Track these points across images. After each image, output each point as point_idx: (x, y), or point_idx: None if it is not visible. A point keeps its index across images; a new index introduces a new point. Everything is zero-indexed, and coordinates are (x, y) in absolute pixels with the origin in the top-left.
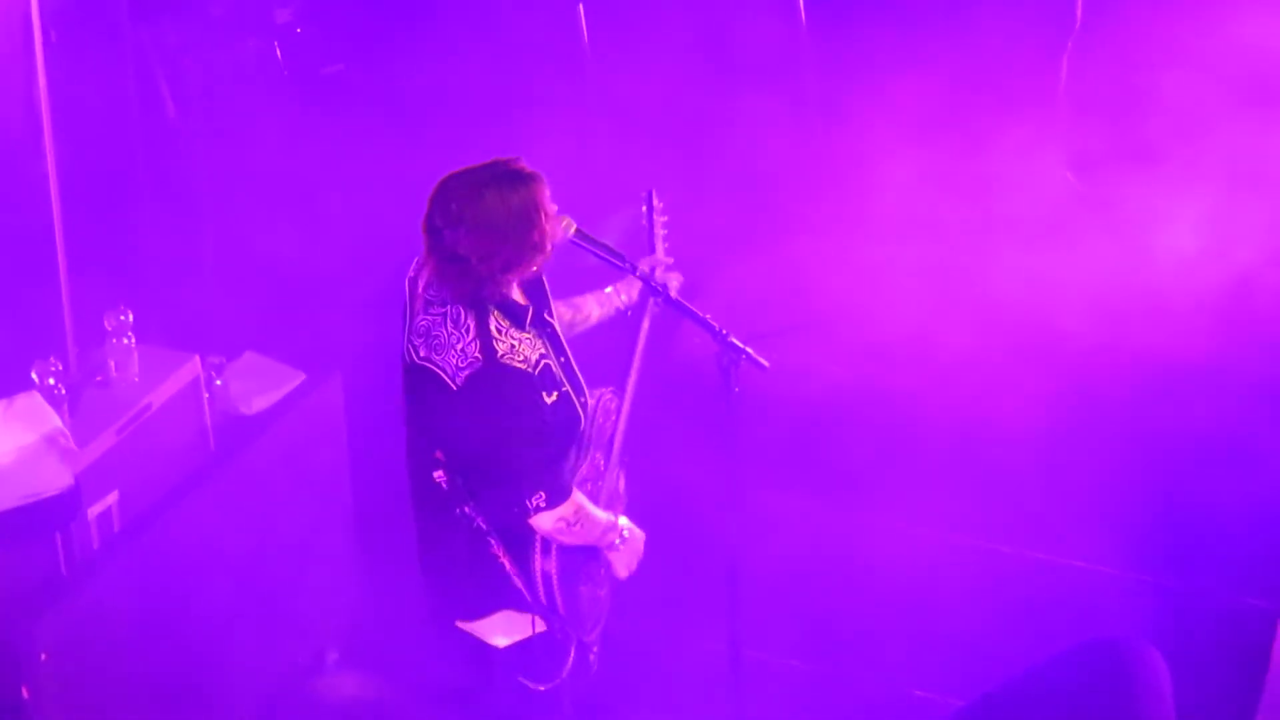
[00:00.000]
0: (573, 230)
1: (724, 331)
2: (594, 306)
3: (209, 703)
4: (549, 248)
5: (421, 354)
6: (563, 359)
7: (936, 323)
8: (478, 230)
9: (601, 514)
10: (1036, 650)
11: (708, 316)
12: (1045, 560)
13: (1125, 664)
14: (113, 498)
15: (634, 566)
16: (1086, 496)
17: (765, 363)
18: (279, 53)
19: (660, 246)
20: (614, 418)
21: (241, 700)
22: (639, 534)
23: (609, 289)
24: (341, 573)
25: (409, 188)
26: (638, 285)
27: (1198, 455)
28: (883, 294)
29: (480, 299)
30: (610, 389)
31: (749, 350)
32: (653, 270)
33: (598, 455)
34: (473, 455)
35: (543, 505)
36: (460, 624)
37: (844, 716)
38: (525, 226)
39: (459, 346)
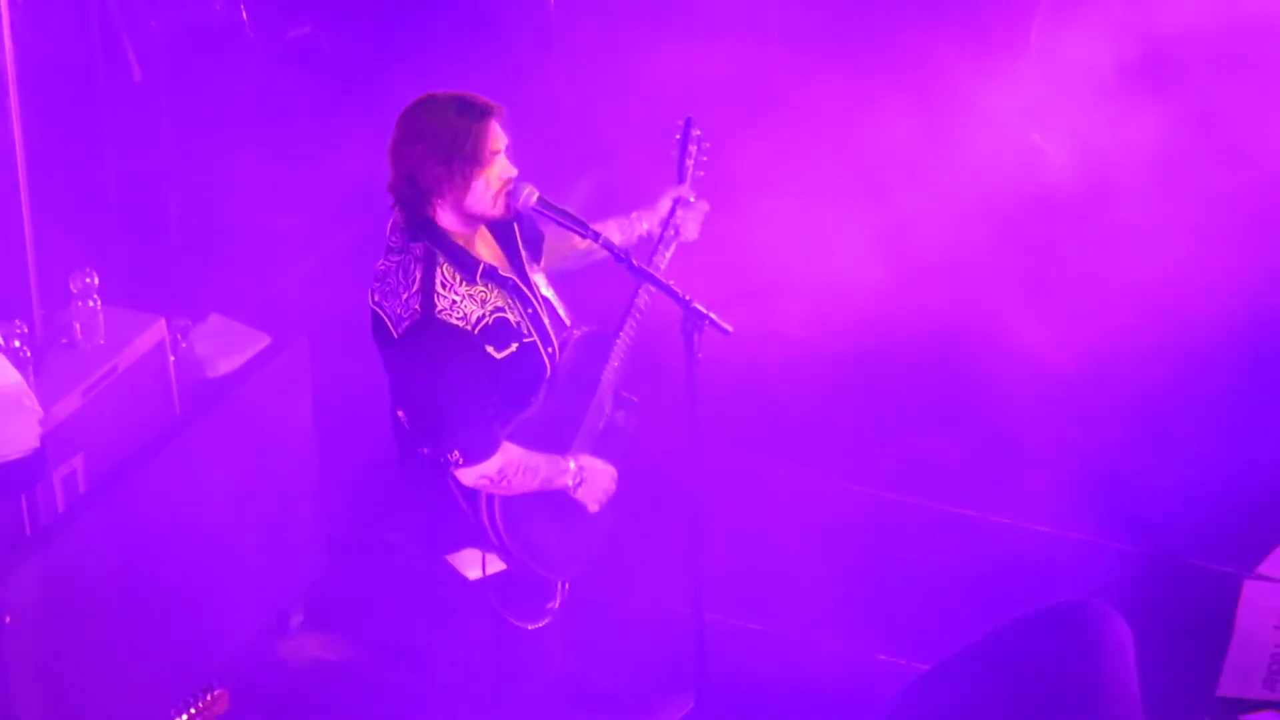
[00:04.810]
0: (535, 198)
1: (688, 297)
2: (614, 232)
3: (173, 665)
4: (482, 183)
5: (375, 298)
6: (530, 310)
7: (900, 287)
8: (411, 141)
9: (543, 462)
10: (1001, 615)
11: (671, 282)
12: (1010, 525)
13: (1090, 628)
14: (78, 460)
15: (603, 499)
16: (1051, 461)
17: (729, 328)
18: (245, 15)
19: (689, 179)
20: (596, 358)
21: (206, 662)
22: (602, 469)
23: (635, 213)
24: (306, 536)
25: (374, 150)
26: (660, 213)
27: (1163, 421)
28: (848, 259)
29: (426, 229)
30: (580, 330)
31: (713, 316)
32: (674, 205)
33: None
34: (408, 402)
35: (460, 461)
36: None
37: (807, 681)
38: (455, 151)
39: (404, 296)
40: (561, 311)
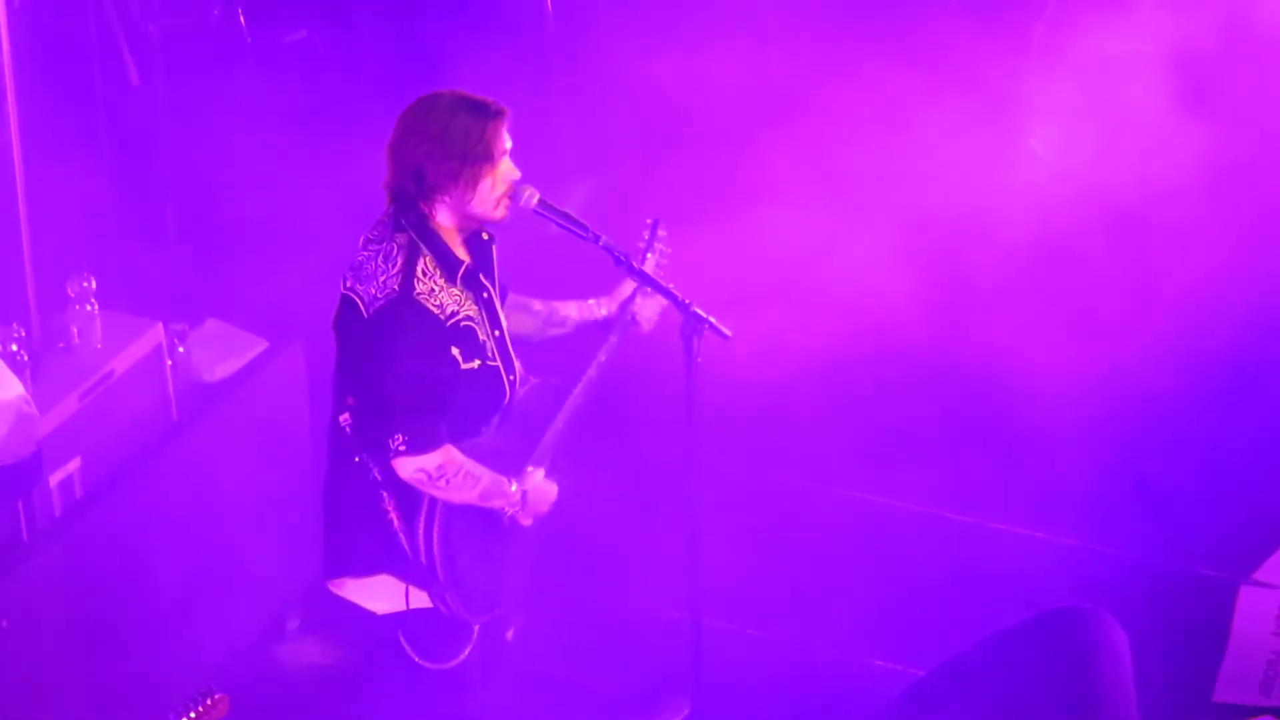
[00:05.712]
0: (535, 200)
1: (688, 301)
2: (573, 310)
3: (170, 670)
4: (488, 184)
5: (348, 284)
6: (496, 332)
7: (898, 292)
8: (420, 138)
9: (486, 475)
10: (997, 621)
11: (671, 286)
12: (1006, 531)
13: (1085, 633)
14: (75, 464)
15: (537, 514)
16: (1048, 468)
17: (728, 332)
18: (242, 19)
19: (650, 270)
20: (546, 410)
21: (202, 667)
22: (544, 489)
23: (592, 300)
24: (303, 540)
25: (371, 155)
26: (619, 300)
27: (1159, 427)
28: (847, 262)
29: (415, 223)
30: (535, 379)
31: (712, 320)
32: (634, 292)
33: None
34: (364, 384)
35: (403, 449)
36: (335, 585)
37: (804, 686)
38: (468, 149)
39: (381, 279)
40: (516, 365)
